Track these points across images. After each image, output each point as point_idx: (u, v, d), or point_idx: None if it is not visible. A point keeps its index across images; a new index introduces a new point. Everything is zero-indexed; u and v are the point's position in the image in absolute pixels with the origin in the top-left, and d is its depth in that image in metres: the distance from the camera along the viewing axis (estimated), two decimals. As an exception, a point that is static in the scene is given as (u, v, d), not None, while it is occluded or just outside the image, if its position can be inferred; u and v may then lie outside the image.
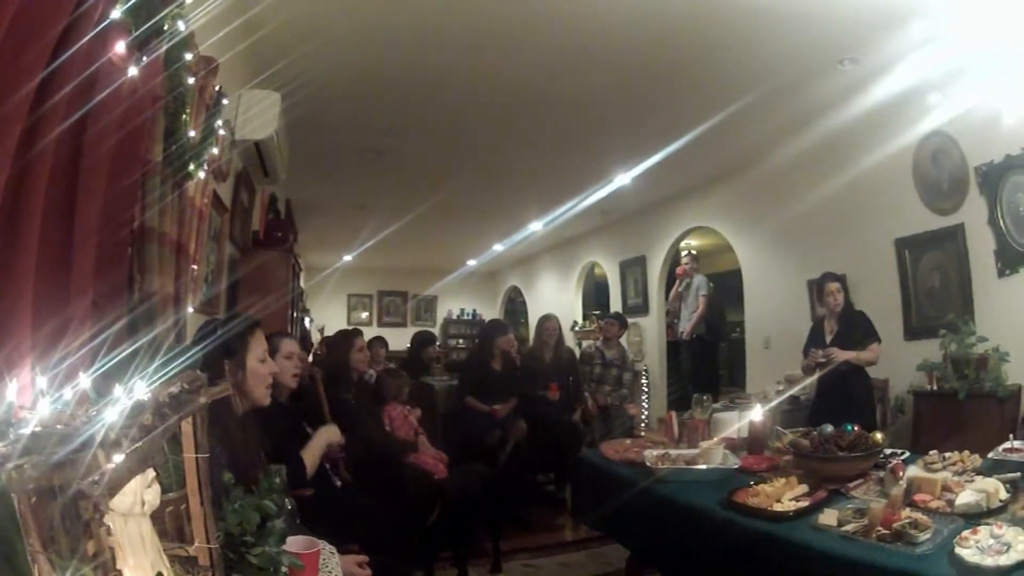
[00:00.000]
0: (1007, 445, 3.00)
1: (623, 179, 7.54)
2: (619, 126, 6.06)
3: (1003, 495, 2.42)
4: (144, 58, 1.80)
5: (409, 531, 3.63)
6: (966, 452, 3.01)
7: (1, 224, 1.20)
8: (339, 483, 3.56)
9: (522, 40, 4.42)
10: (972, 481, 2.60)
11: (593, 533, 4.82)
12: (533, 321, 13.62)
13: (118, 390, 1.34)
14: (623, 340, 7.82)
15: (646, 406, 8.96)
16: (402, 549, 3.41)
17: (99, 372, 1.42)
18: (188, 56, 2.23)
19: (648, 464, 3.41)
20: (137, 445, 0.98)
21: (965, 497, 2.40)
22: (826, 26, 4.18)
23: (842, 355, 4.70)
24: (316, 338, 9.67)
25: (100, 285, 1.67)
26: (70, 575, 0.71)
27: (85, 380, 1.26)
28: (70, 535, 0.75)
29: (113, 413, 1.07)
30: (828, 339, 4.88)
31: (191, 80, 2.32)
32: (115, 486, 0.88)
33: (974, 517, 2.29)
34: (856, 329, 4.80)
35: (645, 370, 9.18)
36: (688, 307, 9.20)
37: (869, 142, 5.69)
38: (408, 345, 8.22)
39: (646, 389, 9.10)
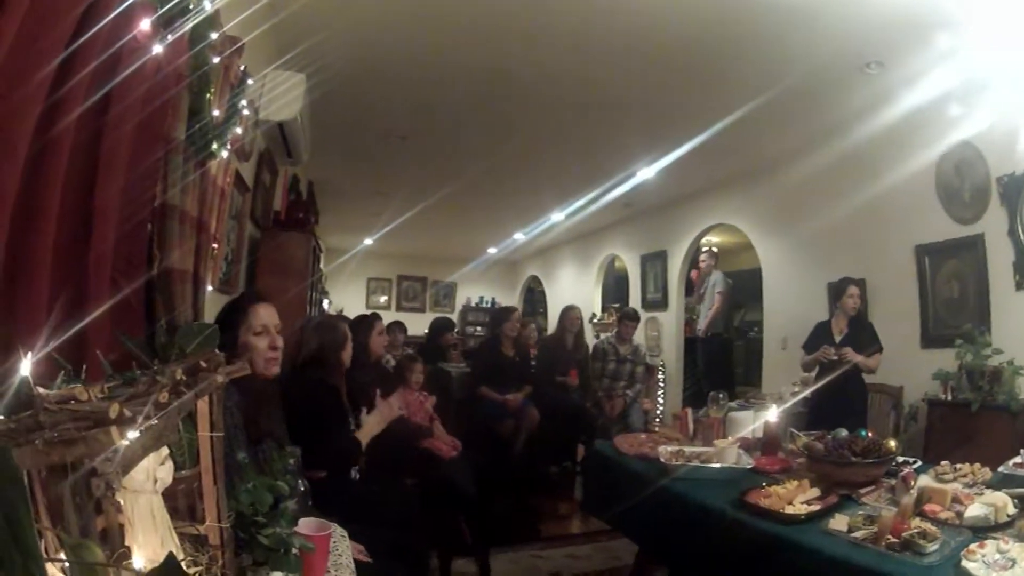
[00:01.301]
0: (1017, 460, 3.00)
1: (646, 172, 7.49)
2: (643, 119, 6.02)
3: (1011, 510, 2.42)
4: (169, 36, 1.80)
5: (421, 517, 3.64)
6: (977, 464, 3.01)
7: (19, 202, 1.20)
8: (356, 468, 3.57)
9: (548, 29, 4.39)
10: (982, 494, 2.61)
11: (602, 526, 4.82)
12: (552, 311, 13.63)
13: (134, 367, 1.35)
14: (639, 334, 7.81)
15: (661, 401, 8.94)
16: (414, 535, 3.42)
17: (115, 348, 1.43)
18: (213, 35, 2.23)
19: (662, 460, 3.40)
20: (152, 423, 0.98)
21: (974, 510, 2.40)
22: (854, 28, 4.13)
23: (854, 357, 4.76)
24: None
25: (118, 261, 1.67)
26: (78, 553, 0.71)
27: (100, 356, 1.26)
28: (80, 513, 0.75)
29: (129, 390, 1.07)
30: (837, 339, 4.90)
31: (216, 59, 2.32)
32: (128, 464, 0.88)
33: (982, 530, 2.30)
34: (864, 334, 4.82)
35: (662, 365, 9.16)
36: (706, 304, 9.19)
37: (893, 148, 5.62)
38: (426, 331, 8.25)
39: (662, 384, 9.08)
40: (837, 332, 4.96)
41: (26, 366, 0.82)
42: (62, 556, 0.72)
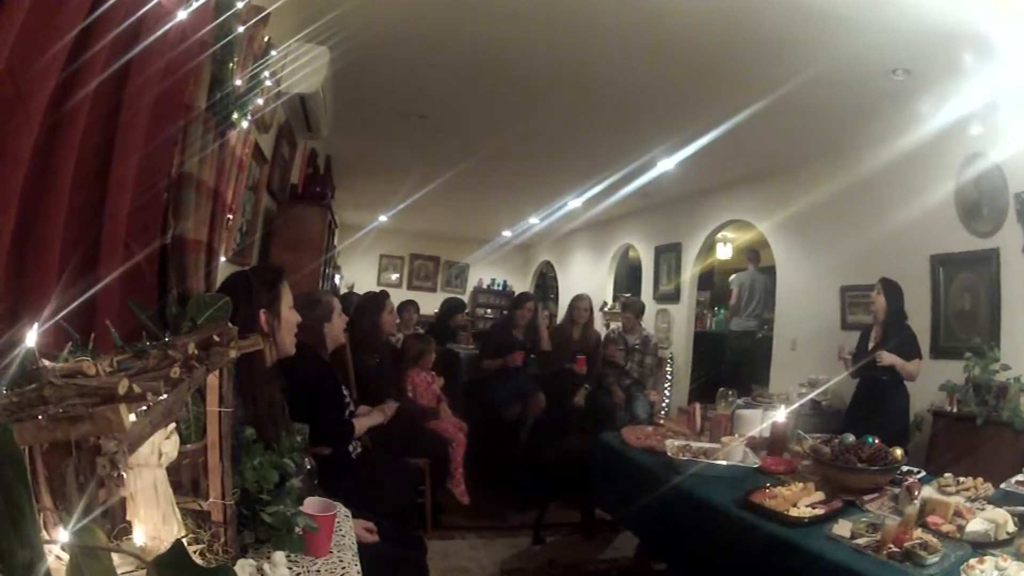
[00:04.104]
0: (1019, 477, 3.00)
1: (666, 164, 7.43)
2: (663, 109, 5.95)
3: (1011, 527, 2.43)
4: (195, 3, 1.78)
5: (419, 499, 3.65)
6: (979, 479, 3.01)
7: (33, 169, 1.18)
8: (359, 448, 3.57)
9: (575, 16, 4.33)
10: (983, 509, 2.61)
11: (602, 516, 4.82)
12: (563, 297, 13.60)
13: (144, 338, 1.33)
14: (651, 324, 7.76)
15: (668, 394, 8.92)
16: (414, 516, 3.43)
17: (125, 319, 1.41)
18: (239, 4, 2.21)
19: (669, 454, 3.39)
20: (162, 399, 0.96)
21: (975, 525, 2.41)
22: (883, 33, 4.06)
23: (888, 359, 4.62)
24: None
25: (133, 229, 1.65)
26: (81, 536, 0.70)
27: (110, 326, 1.25)
28: (83, 491, 0.73)
29: (138, 363, 1.05)
30: (870, 346, 4.82)
31: (241, 28, 2.30)
32: (136, 441, 0.86)
33: (982, 546, 2.31)
34: (894, 341, 4.70)
35: (670, 358, 9.14)
36: None
37: (915, 158, 5.56)
38: (437, 311, 8.26)
39: (670, 377, 9.06)
40: (872, 339, 4.88)
41: (32, 336, 0.80)
42: (61, 536, 0.71)
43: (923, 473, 3.31)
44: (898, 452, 3.09)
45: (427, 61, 5.27)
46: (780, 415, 3.75)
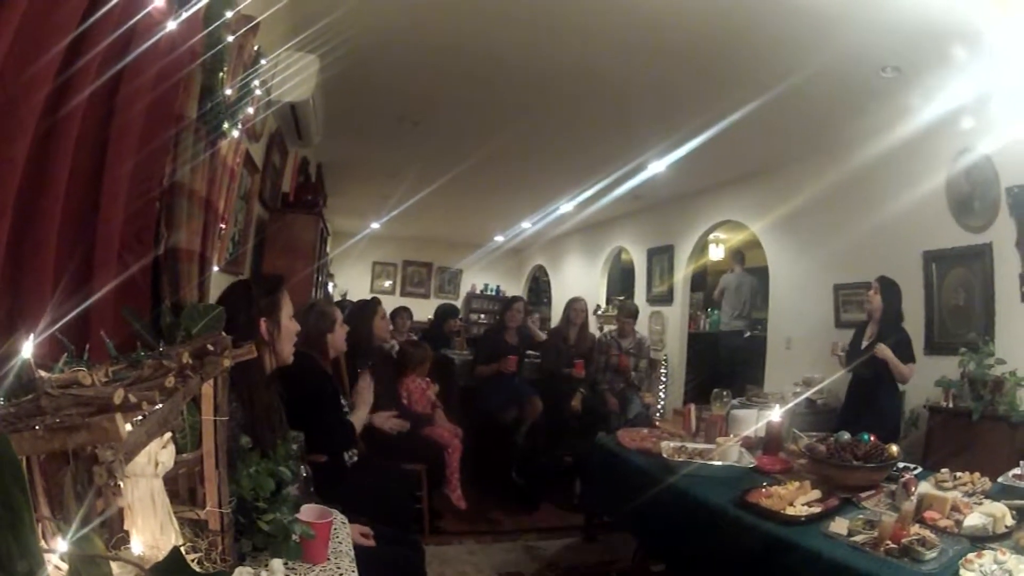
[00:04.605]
0: (1016, 471, 2.99)
1: (657, 166, 7.42)
2: (654, 112, 5.95)
3: (1009, 521, 2.43)
4: (184, 13, 1.78)
5: (415, 504, 3.64)
6: (976, 474, 3.02)
7: (26, 179, 1.18)
8: (355, 454, 3.56)
9: (568, 20, 4.34)
10: (980, 504, 2.62)
11: (601, 519, 4.82)
12: (556, 301, 13.60)
13: (139, 347, 1.33)
14: (644, 327, 7.77)
15: (663, 396, 8.93)
16: (411, 522, 3.42)
17: (120, 329, 1.41)
18: (228, 13, 2.21)
19: (664, 456, 3.39)
20: (157, 408, 0.96)
21: (973, 519, 2.41)
22: (872, 31, 4.07)
23: (884, 351, 4.60)
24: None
25: (126, 239, 1.65)
26: (80, 545, 0.70)
27: (105, 337, 1.25)
28: (81, 501, 0.73)
29: (133, 373, 1.05)
30: (864, 344, 4.82)
31: (230, 38, 2.30)
32: (132, 451, 0.86)
33: (980, 540, 2.31)
34: (888, 341, 4.69)
35: (665, 359, 9.15)
36: None
37: (906, 154, 5.57)
38: (430, 317, 8.25)
39: (664, 379, 9.07)
40: (867, 337, 4.88)
41: (28, 347, 0.80)
42: (60, 545, 0.71)
43: (919, 469, 3.32)
44: (894, 449, 3.10)
45: (418, 67, 5.28)
46: (775, 414, 3.75)
